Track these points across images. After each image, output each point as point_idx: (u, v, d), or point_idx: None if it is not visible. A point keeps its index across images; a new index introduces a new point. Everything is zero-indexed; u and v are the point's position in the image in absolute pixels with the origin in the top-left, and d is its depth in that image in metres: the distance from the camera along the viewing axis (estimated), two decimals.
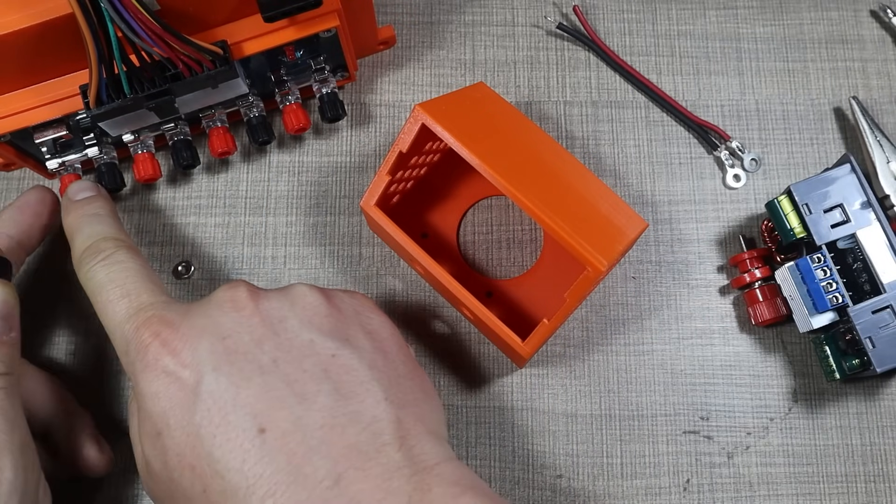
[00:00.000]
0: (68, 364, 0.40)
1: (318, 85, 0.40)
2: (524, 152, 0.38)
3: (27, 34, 0.32)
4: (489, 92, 0.40)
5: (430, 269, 0.36)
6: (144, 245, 0.42)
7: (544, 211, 0.33)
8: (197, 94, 0.36)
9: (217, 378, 0.28)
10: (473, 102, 0.39)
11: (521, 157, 0.37)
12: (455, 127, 0.34)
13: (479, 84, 0.41)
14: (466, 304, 0.36)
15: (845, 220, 0.37)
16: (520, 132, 0.39)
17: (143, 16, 0.31)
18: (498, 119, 0.39)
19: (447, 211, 0.42)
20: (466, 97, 0.39)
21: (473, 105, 0.39)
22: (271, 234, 0.42)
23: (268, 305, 0.31)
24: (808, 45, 0.45)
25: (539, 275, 0.41)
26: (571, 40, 0.45)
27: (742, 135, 0.43)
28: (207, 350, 0.29)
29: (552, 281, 0.41)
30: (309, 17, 0.36)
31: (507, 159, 0.35)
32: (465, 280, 0.37)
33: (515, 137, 0.39)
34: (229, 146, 0.40)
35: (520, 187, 0.33)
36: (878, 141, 0.40)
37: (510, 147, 0.37)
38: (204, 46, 0.34)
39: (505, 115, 0.39)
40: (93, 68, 0.32)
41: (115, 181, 0.39)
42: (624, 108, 0.44)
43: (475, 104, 0.39)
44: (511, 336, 0.35)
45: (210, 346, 0.29)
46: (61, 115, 0.36)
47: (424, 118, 0.34)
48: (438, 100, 0.37)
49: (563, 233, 0.33)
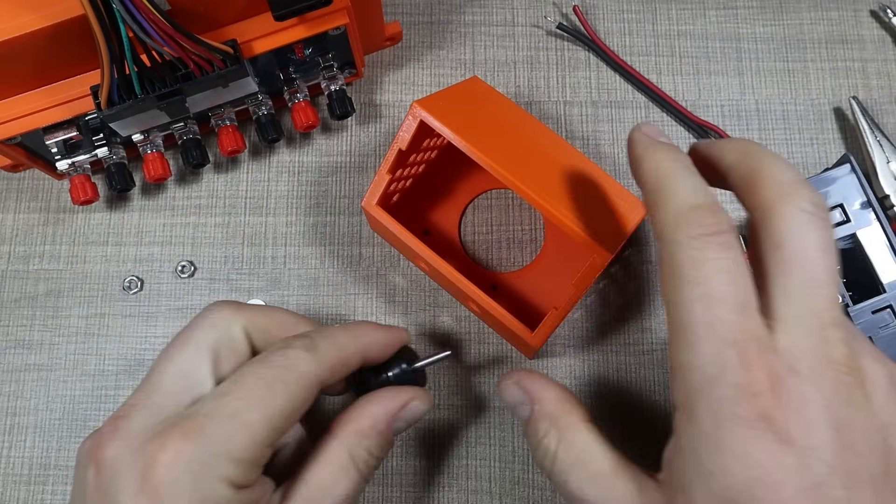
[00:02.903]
0: None
1: (327, 82, 0.40)
2: (523, 143, 0.38)
3: (39, 36, 0.32)
4: (484, 85, 0.40)
5: (436, 265, 0.36)
6: (144, 245, 0.42)
7: (547, 200, 0.33)
8: (207, 94, 0.36)
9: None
10: (469, 96, 0.39)
11: (521, 148, 0.37)
12: (453, 121, 0.34)
13: (472, 78, 0.41)
14: (474, 297, 0.36)
15: (845, 220, 0.37)
16: (517, 123, 0.39)
17: (155, 16, 0.31)
18: (494, 111, 0.39)
19: (447, 207, 0.43)
20: (462, 91, 0.39)
21: (470, 99, 0.39)
22: (271, 234, 0.42)
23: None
24: (808, 45, 0.45)
25: (542, 266, 0.42)
26: (571, 40, 0.45)
27: (742, 135, 0.43)
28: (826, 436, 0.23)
29: (556, 271, 0.41)
30: (318, 15, 0.36)
31: (506, 151, 0.35)
32: (470, 274, 0.37)
33: (513, 128, 0.39)
34: (239, 144, 0.40)
35: (521, 178, 0.33)
36: (878, 141, 0.40)
37: (509, 138, 0.38)
38: (215, 46, 0.34)
39: (501, 106, 0.39)
40: (104, 69, 0.32)
41: (125, 181, 0.39)
42: (624, 108, 0.44)
43: (471, 97, 0.39)
44: (520, 327, 0.35)
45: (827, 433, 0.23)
46: (72, 117, 0.36)
47: (422, 114, 0.34)
48: (435, 95, 0.37)
49: (567, 221, 0.32)
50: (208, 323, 0.30)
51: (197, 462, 0.26)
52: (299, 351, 0.29)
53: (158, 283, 0.42)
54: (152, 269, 0.42)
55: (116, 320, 0.41)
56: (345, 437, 0.30)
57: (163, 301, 0.41)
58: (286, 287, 0.42)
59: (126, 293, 0.41)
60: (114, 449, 0.27)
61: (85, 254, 0.42)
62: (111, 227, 0.42)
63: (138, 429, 0.27)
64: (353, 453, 0.30)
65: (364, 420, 0.31)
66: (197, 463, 0.26)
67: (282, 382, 0.28)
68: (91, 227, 0.42)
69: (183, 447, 0.26)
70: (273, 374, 0.28)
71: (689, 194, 0.26)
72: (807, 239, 0.25)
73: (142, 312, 0.41)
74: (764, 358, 0.23)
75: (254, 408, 0.27)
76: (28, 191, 0.43)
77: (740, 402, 0.23)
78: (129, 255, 0.42)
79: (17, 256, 0.42)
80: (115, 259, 0.42)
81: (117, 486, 0.26)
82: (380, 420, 0.31)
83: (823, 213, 0.26)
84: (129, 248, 0.42)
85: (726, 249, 0.25)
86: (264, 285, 0.42)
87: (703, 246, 0.25)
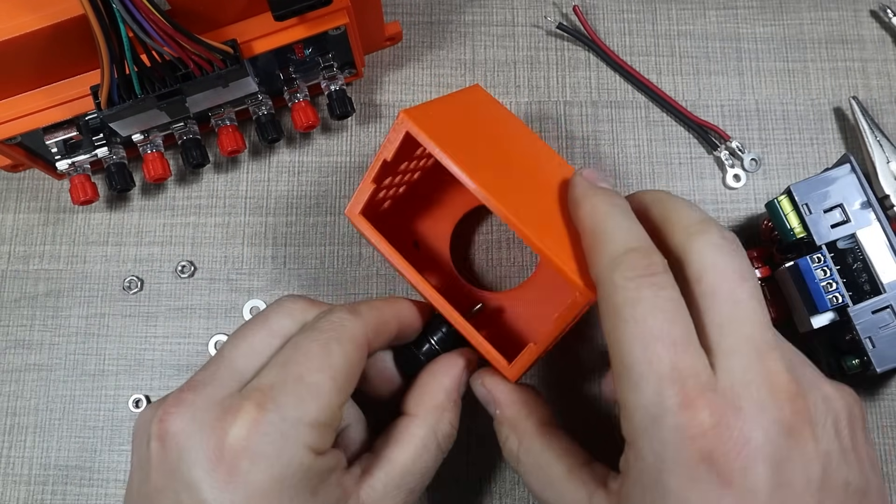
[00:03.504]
0: None
1: (327, 82, 0.40)
2: (518, 164, 0.35)
3: (39, 36, 0.32)
4: (484, 96, 0.38)
5: (415, 283, 0.34)
6: (144, 245, 0.42)
7: (535, 231, 0.30)
8: (207, 94, 0.36)
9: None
10: (466, 108, 0.36)
11: (515, 171, 0.34)
12: (442, 136, 0.31)
13: (474, 87, 0.39)
14: (451, 319, 0.34)
15: (845, 220, 0.37)
16: (515, 141, 0.36)
17: (155, 16, 0.31)
18: (491, 127, 0.36)
19: (440, 219, 0.41)
20: (458, 102, 0.36)
21: (465, 111, 0.36)
22: (271, 234, 0.42)
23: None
24: (808, 45, 0.45)
25: (533, 289, 0.40)
26: (571, 40, 0.45)
27: (742, 135, 0.43)
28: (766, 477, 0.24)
29: (545, 297, 0.39)
30: (318, 15, 0.36)
31: (497, 172, 0.33)
32: (456, 292, 0.35)
33: (510, 147, 0.36)
34: (239, 144, 0.40)
35: (509, 204, 0.30)
36: (878, 141, 0.40)
37: (503, 158, 0.35)
38: (215, 46, 0.34)
39: (500, 122, 0.37)
40: (104, 69, 0.32)
41: (125, 181, 0.39)
42: (624, 108, 0.44)
43: (468, 110, 0.36)
44: (497, 359, 0.33)
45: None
46: (72, 117, 0.36)
47: (409, 126, 0.31)
48: (427, 105, 0.34)
49: (553, 256, 0.29)
50: (285, 311, 0.31)
51: (277, 432, 0.26)
52: (343, 313, 0.30)
53: (158, 283, 0.42)
54: (152, 269, 0.42)
55: (116, 320, 0.41)
56: (425, 414, 0.31)
57: (163, 301, 0.41)
58: (286, 287, 0.41)
59: (126, 293, 0.41)
60: (181, 422, 0.26)
61: (85, 254, 0.42)
62: (111, 227, 0.42)
63: (205, 403, 0.27)
64: (436, 429, 0.31)
65: (439, 395, 0.32)
66: (277, 433, 0.26)
67: (336, 342, 0.29)
68: (91, 227, 0.42)
69: (260, 418, 0.26)
70: (325, 336, 0.29)
71: (624, 237, 0.27)
72: (723, 269, 0.26)
73: (142, 312, 0.41)
74: (705, 396, 0.24)
75: (315, 370, 0.28)
76: (28, 191, 0.43)
77: (682, 445, 0.24)
78: (129, 255, 0.42)
79: (17, 256, 0.42)
80: (115, 259, 0.42)
81: (189, 460, 0.26)
82: (452, 391, 0.32)
83: (734, 244, 0.27)
84: (129, 248, 0.42)
85: (661, 289, 0.26)
86: (264, 285, 0.42)
87: (638, 286, 0.26)
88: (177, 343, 0.41)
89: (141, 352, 0.41)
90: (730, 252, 0.27)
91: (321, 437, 0.27)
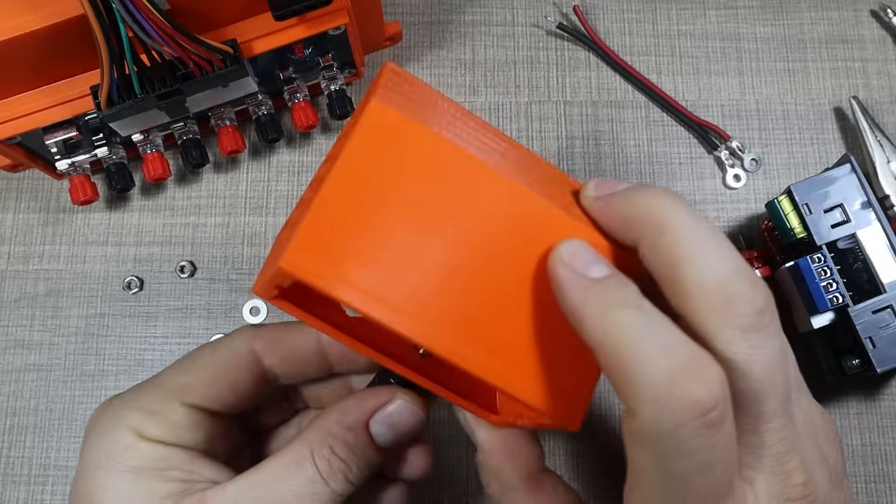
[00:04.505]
0: None
1: (327, 82, 0.40)
2: (463, 254, 0.22)
3: (39, 36, 0.32)
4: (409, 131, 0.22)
5: (351, 345, 0.25)
6: (144, 245, 0.42)
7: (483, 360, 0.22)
8: (207, 94, 0.36)
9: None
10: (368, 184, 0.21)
11: (455, 272, 0.22)
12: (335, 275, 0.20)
13: (377, 105, 0.22)
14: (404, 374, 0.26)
15: (845, 220, 0.37)
16: (458, 206, 0.22)
17: (154, 16, 0.30)
18: (416, 202, 0.22)
19: None
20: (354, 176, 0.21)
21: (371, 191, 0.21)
22: (271, 234, 0.42)
23: None
24: (808, 45, 0.45)
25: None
26: (571, 40, 0.45)
27: (742, 135, 0.43)
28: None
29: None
30: (318, 15, 0.36)
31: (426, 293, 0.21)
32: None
33: (446, 227, 0.22)
34: (238, 144, 0.40)
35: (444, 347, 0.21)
36: (878, 141, 0.40)
37: (433, 258, 0.22)
38: (214, 45, 0.34)
39: (432, 179, 0.22)
40: (104, 69, 0.32)
41: (125, 181, 0.39)
42: (624, 108, 0.44)
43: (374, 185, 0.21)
44: (475, 409, 0.27)
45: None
46: (72, 116, 0.36)
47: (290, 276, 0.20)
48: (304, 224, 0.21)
49: (507, 385, 0.22)
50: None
51: (110, 413, 0.29)
52: (242, 328, 0.30)
53: (158, 283, 0.42)
54: (152, 269, 0.42)
55: (116, 320, 0.41)
56: (309, 430, 0.28)
57: (163, 301, 0.41)
58: None
59: (126, 293, 0.41)
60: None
61: (85, 254, 0.42)
62: (111, 227, 0.42)
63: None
64: (312, 448, 0.27)
65: (331, 414, 0.28)
66: (109, 415, 0.29)
67: (211, 346, 0.30)
68: (91, 227, 0.42)
69: (105, 403, 0.29)
70: (213, 344, 0.30)
71: (666, 371, 0.21)
72: (772, 385, 0.23)
73: (142, 312, 0.41)
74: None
75: (180, 367, 0.29)
76: (28, 191, 0.43)
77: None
78: (129, 255, 0.42)
79: (17, 256, 0.42)
80: (115, 259, 0.42)
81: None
82: (349, 415, 0.27)
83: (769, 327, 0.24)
84: (129, 248, 0.42)
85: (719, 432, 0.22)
86: None
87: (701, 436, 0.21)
88: (176, 343, 0.41)
89: (141, 352, 0.41)
90: (772, 356, 0.23)
91: (146, 424, 0.28)
